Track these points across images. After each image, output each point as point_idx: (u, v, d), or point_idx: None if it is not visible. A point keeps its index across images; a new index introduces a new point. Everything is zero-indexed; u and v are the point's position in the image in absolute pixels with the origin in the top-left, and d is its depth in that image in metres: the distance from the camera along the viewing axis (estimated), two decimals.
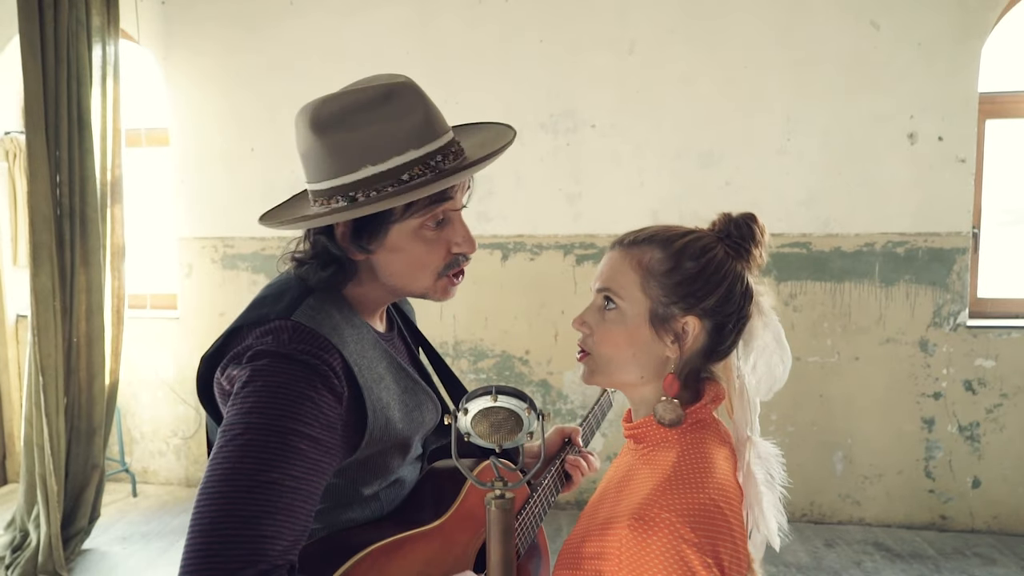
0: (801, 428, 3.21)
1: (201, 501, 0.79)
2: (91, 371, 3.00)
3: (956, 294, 3.08)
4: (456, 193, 0.95)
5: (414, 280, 0.97)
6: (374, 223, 0.92)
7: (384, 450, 0.97)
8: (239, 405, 0.84)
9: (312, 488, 0.83)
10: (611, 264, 0.94)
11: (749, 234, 0.93)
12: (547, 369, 3.38)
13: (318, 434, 0.84)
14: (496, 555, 0.67)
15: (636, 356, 0.91)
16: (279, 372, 0.85)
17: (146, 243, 3.71)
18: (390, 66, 3.34)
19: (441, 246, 0.96)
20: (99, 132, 2.98)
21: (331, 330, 0.91)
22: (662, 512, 0.79)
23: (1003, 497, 3.11)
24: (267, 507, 0.78)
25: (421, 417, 1.04)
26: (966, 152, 3.03)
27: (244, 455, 0.80)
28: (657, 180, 3.20)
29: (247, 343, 0.89)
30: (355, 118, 0.89)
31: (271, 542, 0.77)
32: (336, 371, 0.88)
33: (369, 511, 1.00)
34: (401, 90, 0.92)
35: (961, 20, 2.97)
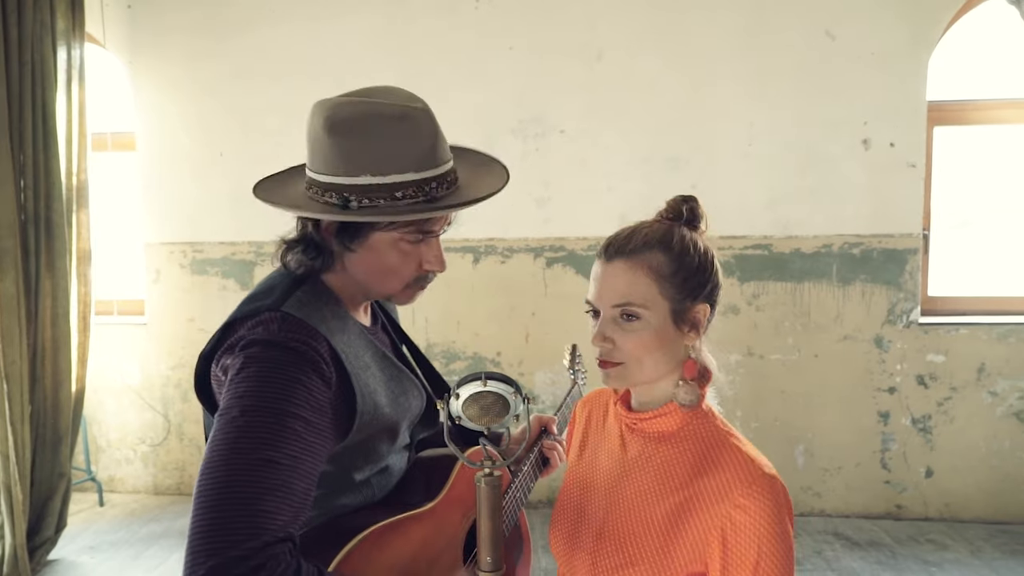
0: (764, 423, 3.32)
1: (202, 482, 0.82)
2: (57, 378, 2.96)
3: (909, 293, 3.22)
4: (439, 220, 1.03)
5: (383, 284, 1.04)
6: (359, 225, 0.99)
7: (373, 435, 1.02)
8: (233, 389, 0.88)
9: (308, 468, 0.87)
10: (622, 277, 0.95)
11: (698, 213, 1.02)
12: (518, 370, 3.43)
13: (310, 416, 0.88)
14: (486, 530, 0.72)
15: (666, 354, 0.97)
16: (270, 358, 0.90)
17: (113, 249, 3.66)
18: (361, 73, 3.36)
19: (414, 260, 1.03)
20: (64, 136, 2.94)
21: (319, 320, 0.97)
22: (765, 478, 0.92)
23: (954, 486, 3.26)
24: (265, 484, 0.82)
25: (407, 403, 1.09)
26: (916, 158, 3.18)
27: (240, 435, 0.84)
28: (624, 184, 3.29)
29: (239, 334, 0.94)
30: (368, 129, 0.96)
31: (271, 517, 0.80)
32: (324, 357, 0.93)
33: (362, 497, 1.04)
34: (418, 115, 1.00)
35: (911, 32, 3.12)
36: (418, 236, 1.01)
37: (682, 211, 1.01)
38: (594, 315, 1.00)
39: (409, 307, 3.85)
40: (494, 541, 0.72)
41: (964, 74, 3.39)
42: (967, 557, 2.94)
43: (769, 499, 0.90)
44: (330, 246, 1.02)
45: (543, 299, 3.38)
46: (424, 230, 1.01)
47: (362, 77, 3.78)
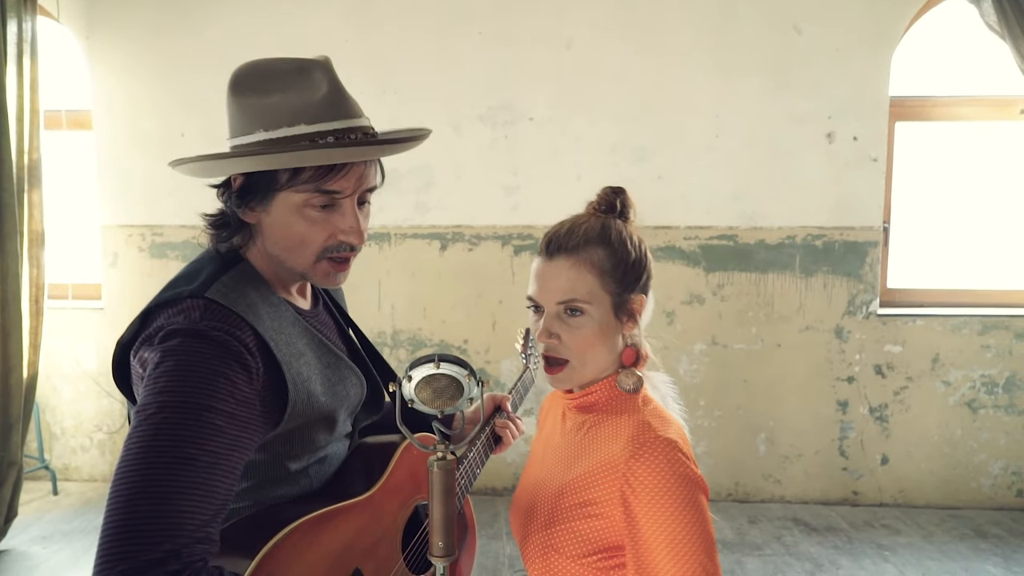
0: (727, 412, 3.37)
1: (117, 481, 0.78)
2: (7, 364, 2.86)
3: (868, 285, 3.29)
4: (346, 179, 0.94)
5: (293, 256, 0.97)
6: (261, 186, 0.94)
7: (308, 423, 0.98)
8: (152, 385, 0.84)
9: (231, 464, 0.84)
10: (565, 275, 0.98)
11: (629, 205, 1.05)
12: (485, 358, 3.42)
13: (234, 409, 0.85)
14: (438, 513, 0.71)
15: (608, 345, 1.01)
16: (191, 350, 0.85)
17: (68, 231, 3.54)
18: (327, 54, 3.30)
19: (324, 229, 0.96)
20: (15, 113, 2.83)
21: (246, 307, 0.92)
22: (654, 438, 0.92)
23: (908, 473, 3.35)
24: (184, 483, 0.78)
25: (345, 391, 1.05)
26: (878, 152, 3.24)
27: (158, 432, 0.80)
28: (592, 173, 3.29)
29: (159, 323, 0.89)
30: (264, 84, 0.93)
31: (188, 517, 0.77)
32: (249, 347, 0.89)
33: (299, 488, 1.01)
34: (312, 66, 0.95)
35: (874, 29, 3.17)
36: (324, 199, 0.94)
37: (615, 204, 1.04)
38: (535, 310, 1.02)
39: (374, 293, 3.80)
40: (446, 526, 0.71)
41: (926, 71, 3.46)
42: (919, 541, 3.03)
43: (663, 464, 0.90)
44: (241, 215, 0.97)
45: (510, 287, 3.37)
46: (325, 189, 0.93)
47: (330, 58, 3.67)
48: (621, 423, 0.99)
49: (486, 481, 3.46)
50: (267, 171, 0.93)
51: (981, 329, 3.26)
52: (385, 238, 3.38)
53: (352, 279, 1.05)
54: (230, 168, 0.94)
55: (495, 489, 3.47)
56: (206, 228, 1.00)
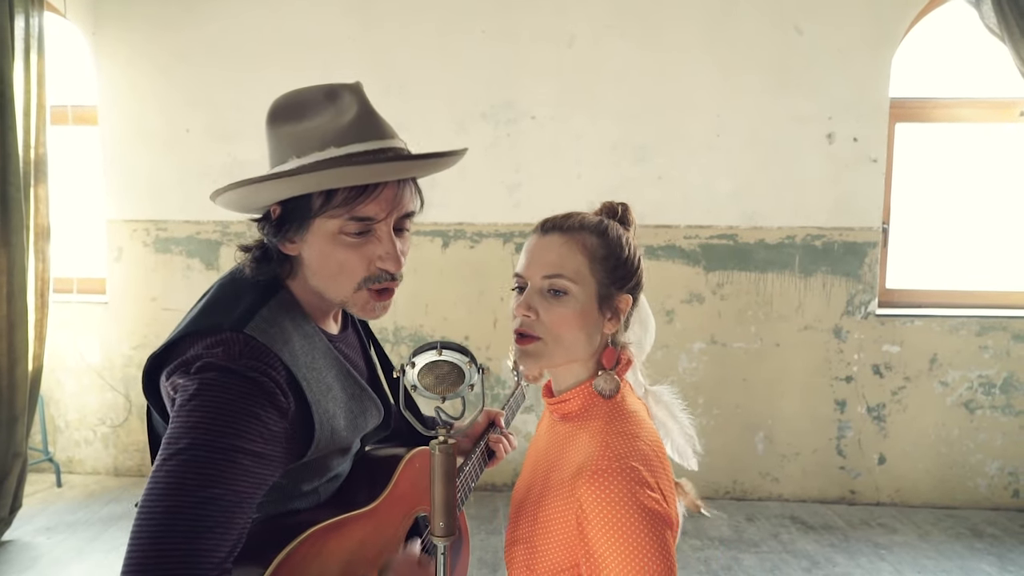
0: (726, 410, 3.39)
1: (143, 513, 0.80)
2: (12, 356, 2.89)
3: (867, 285, 3.31)
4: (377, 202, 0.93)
5: (332, 286, 0.97)
6: (298, 214, 0.94)
7: (326, 456, 1.01)
8: (184, 418, 0.84)
9: (253, 501, 0.86)
10: (556, 250, 0.97)
11: (630, 218, 1.06)
12: (486, 355, 3.45)
13: (261, 448, 0.86)
14: (439, 496, 0.73)
15: (587, 335, 0.98)
16: (226, 387, 0.86)
17: (73, 225, 3.57)
18: (331, 52, 3.33)
19: (362, 256, 0.95)
20: (22, 108, 2.86)
21: (282, 344, 0.92)
22: (612, 462, 0.87)
23: (905, 472, 3.37)
24: (208, 522, 0.80)
25: (365, 423, 1.07)
26: (878, 153, 3.25)
27: (187, 471, 0.81)
28: (594, 172, 3.31)
29: (196, 351, 0.89)
30: (296, 112, 0.94)
31: (209, 555, 0.79)
32: (282, 387, 0.90)
33: (308, 502, 1.03)
34: (341, 91, 0.95)
35: (875, 30, 3.19)
36: (358, 226, 0.93)
37: (616, 210, 1.06)
38: (519, 292, 1.01)
39: None
40: (447, 507, 0.73)
41: (926, 72, 3.47)
42: (915, 540, 3.05)
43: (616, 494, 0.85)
44: (280, 246, 0.97)
45: (512, 284, 3.39)
46: (358, 216, 0.93)
47: (330, 55, 3.73)
48: (589, 437, 0.95)
49: (486, 478, 3.49)
50: (302, 199, 0.93)
51: (979, 330, 3.28)
52: None
53: None
54: (261, 196, 0.94)
55: (495, 485, 3.50)
56: (248, 262, 0.99)
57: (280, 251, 0.98)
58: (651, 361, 1.13)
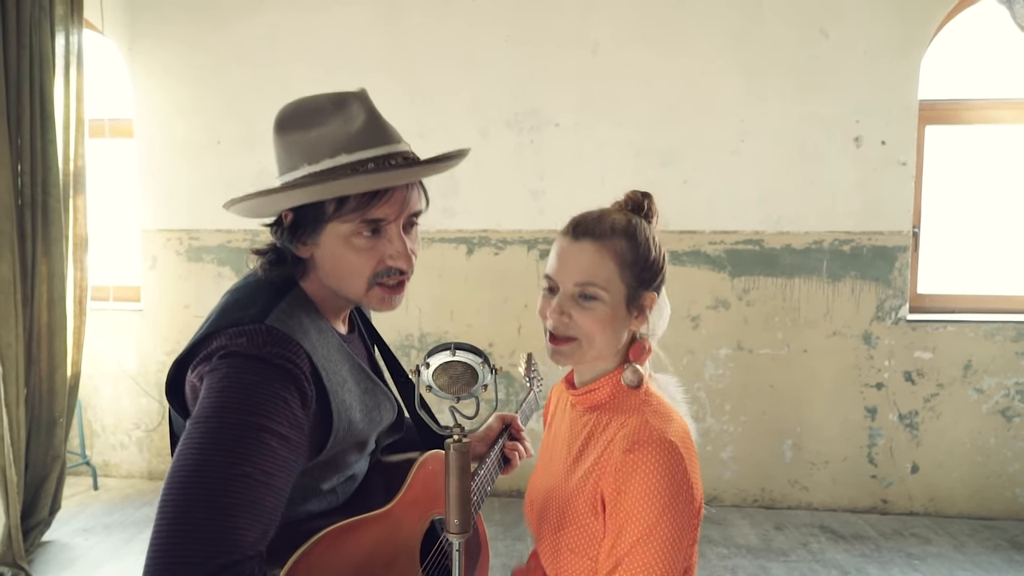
0: (753, 417, 3.36)
1: (171, 489, 0.79)
2: (52, 362, 2.98)
3: (897, 290, 3.25)
4: (389, 204, 0.97)
5: (346, 284, 1.00)
6: (310, 219, 0.97)
7: (345, 449, 1.02)
8: (212, 399, 0.85)
9: (281, 484, 0.85)
10: (588, 258, 1.00)
11: (654, 209, 1.08)
12: (510, 361, 3.46)
13: (287, 432, 0.86)
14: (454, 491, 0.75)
15: (616, 335, 1.03)
16: (253, 371, 0.87)
17: (109, 235, 3.68)
18: (357, 60, 3.39)
19: (373, 256, 0.98)
20: (62, 122, 2.96)
21: (302, 335, 0.95)
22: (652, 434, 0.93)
23: (939, 481, 3.30)
24: (238, 499, 0.79)
25: (379, 416, 1.08)
26: (907, 156, 3.20)
27: (217, 448, 0.81)
28: (618, 178, 3.31)
29: (220, 343, 0.91)
30: (305, 121, 0.96)
31: (242, 534, 0.78)
32: (306, 375, 0.92)
33: (326, 503, 1.04)
34: (349, 99, 0.97)
35: (903, 31, 3.15)
36: (369, 227, 0.97)
37: (642, 204, 1.07)
38: (550, 292, 1.04)
39: None
40: (462, 503, 0.75)
41: (957, 73, 3.41)
42: (950, 551, 2.98)
43: (657, 463, 0.91)
44: (295, 250, 1.00)
45: (536, 291, 3.38)
46: (370, 218, 0.96)
47: (357, 65, 3.79)
48: (623, 421, 0.99)
49: (511, 483, 3.50)
50: (314, 205, 0.96)
51: (1015, 335, 3.20)
52: None
53: None
54: (277, 204, 0.97)
55: (519, 492, 3.50)
56: (262, 265, 1.02)
57: (293, 253, 1.01)
58: (677, 368, 1.14)
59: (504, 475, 1.37)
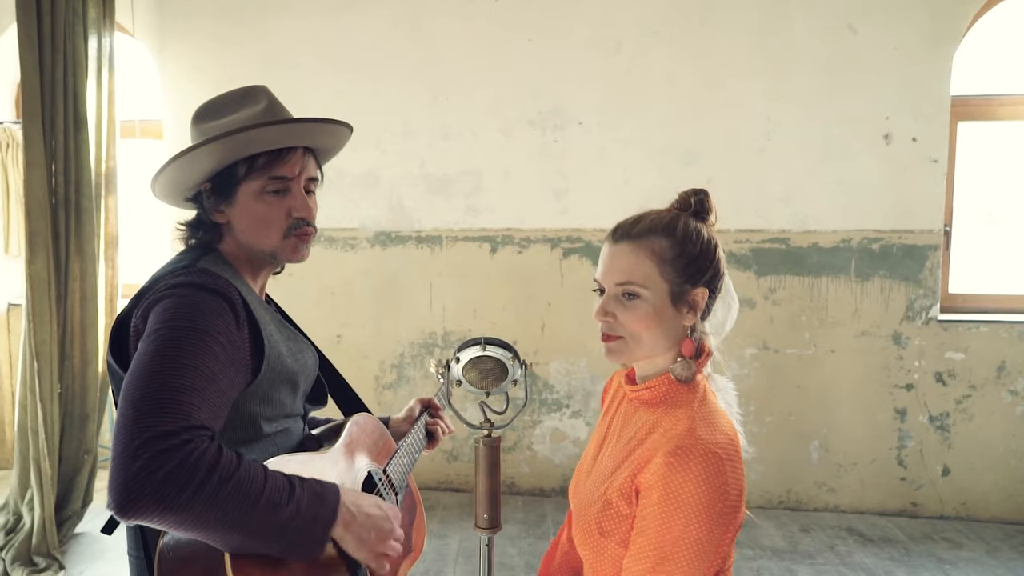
0: (779, 418, 3.32)
1: (131, 378, 0.89)
2: (85, 358, 3.04)
3: (928, 289, 3.19)
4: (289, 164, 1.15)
5: (262, 238, 1.16)
6: (226, 183, 1.14)
7: (277, 382, 1.12)
8: (160, 316, 0.98)
9: (223, 385, 0.96)
10: (625, 258, 1.03)
11: (708, 206, 1.08)
12: (534, 359, 3.46)
13: (226, 344, 0.99)
14: (483, 486, 0.75)
15: (663, 332, 1.04)
16: (194, 294, 1.01)
17: (139, 233, 3.74)
18: (381, 62, 3.42)
19: (281, 209, 1.15)
20: (94, 123, 3.02)
21: (229, 276, 1.11)
22: (697, 443, 0.94)
23: (971, 485, 3.23)
24: (189, 384, 0.90)
25: (304, 360, 1.21)
26: (939, 153, 3.14)
27: (166, 344, 0.93)
28: (642, 177, 3.29)
29: (161, 284, 1.05)
30: (217, 111, 1.17)
31: (195, 408, 0.88)
32: (238, 301, 1.06)
33: (267, 453, 1.12)
34: (253, 90, 1.19)
35: (934, 26, 3.08)
36: (276, 184, 1.14)
37: (691, 202, 1.08)
38: (600, 294, 1.08)
39: (425, 295, 3.87)
40: (491, 499, 0.75)
41: (991, 68, 3.34)
42: (983, 556, 2.91)
43: (687, 470, 0.92)
44: (211, 215, 1.16)
45: (559, 290, 3.40)
46: (276, 175, 1.13)
47: (381, 66, 3.81)
48: (673, 423, 1.00)
49: (535, 482, 3.50)
50: (228, 170, 1.13)
51: None
52: (437, 241, 3.46)
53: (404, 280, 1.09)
54: (196, 164, 1.11)
55: (543, 490, 3.50)
56: (183, 233, 1.19)
57: (211, 220, 1.17)
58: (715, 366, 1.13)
59: (429, 449, 1.44)
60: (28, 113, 2.78)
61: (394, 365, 3.54)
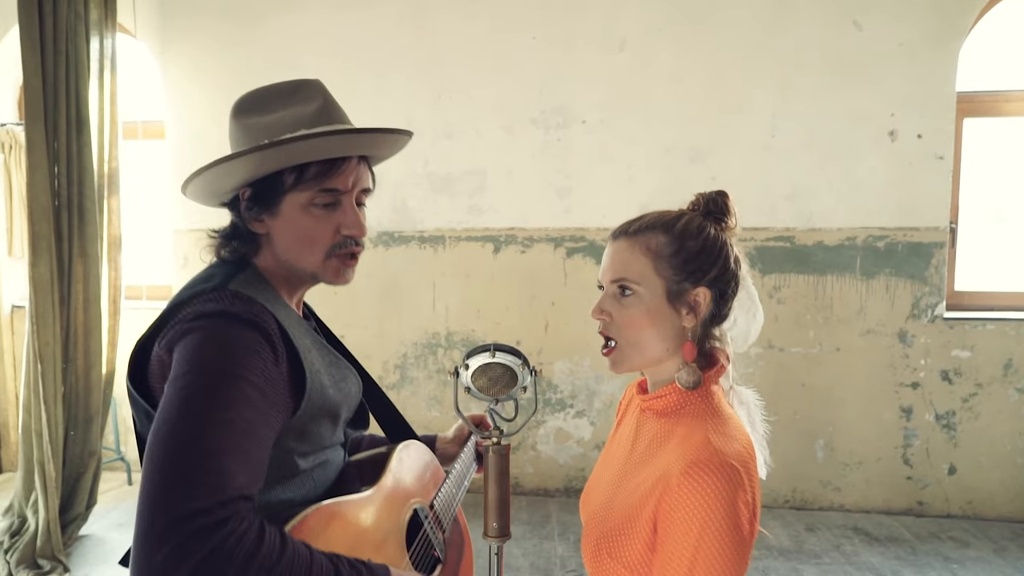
0: (784, 417, 3.30)
1: (157, 438, 0.78)
2: (88, 360, 3.04)
3: (934, 287, 3.17)
4: (343, 176, 1.02)
5: (304, 255, 1.02)
6: (270, 191, 1.01)
7: (317, 416, 1.01)
8: (188, 356, 0.86)
9: (262, 435, 0.85)
10: (620, 255, 1.01)
11: (725, 208, 1.03)
12: (538, 359, 3.45)
13: (263, 385, 0.87)
14: (493, 495, 0.74)
15: (659, 332, 0.99)
16: (226, 328, 0.89)
17: (142, 235, 3.74)
18: (384, 60, 3.41)
19: (330, 225, 1.02)
20: (97, 125, 3.02)
21: (264, 300, 0.98)
22: (713, 457, 0.88)
23: (978, 483, 3.21)
24: (224, 444, 0.79)
25: (348, 388, 1.09)
26: (944, 149, 3.12)
27: (198, 396, 0.82)
28: (646, 175, 3.28)
29: (189, 310, 0.92)
30: (264, 105, 1.02)
31: (231, 477, 0.78)
32: (275, 332, 0.93)
33: (304, 491, 1.02)
34: (305, 85, 1.05)
35: (939, 22, 3.06)
36: (327, 197, 1.01)
37: (699, 202, 1.05)
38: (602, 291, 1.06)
39: (428, 295, 3.86)
40: (501, 507, 0.74)
41: (997, 64, 3.32)
42: (990, 555, 2.90)
43: (706, 486, 0.86)
44: (249, 225, 1.03)
45: (563, 289, 3.39)
46: (327, 188, 1.01)
47: (384, 64, 3.80)
48: (685, 435, 0.96)
49: (539, 482, 3.49)
50: (273, 178, 0.99)
51: None
52: (440, 241, 3.45)
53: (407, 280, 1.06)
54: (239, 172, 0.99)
55: (547, 490, 3.49)
56: (215, 242, 1.06)
57: (249, 229, 1.04)
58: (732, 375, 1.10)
59: (480, 472, 1.35)
60: (31, 115, 2.77)
61: (397, 365, 3.54)
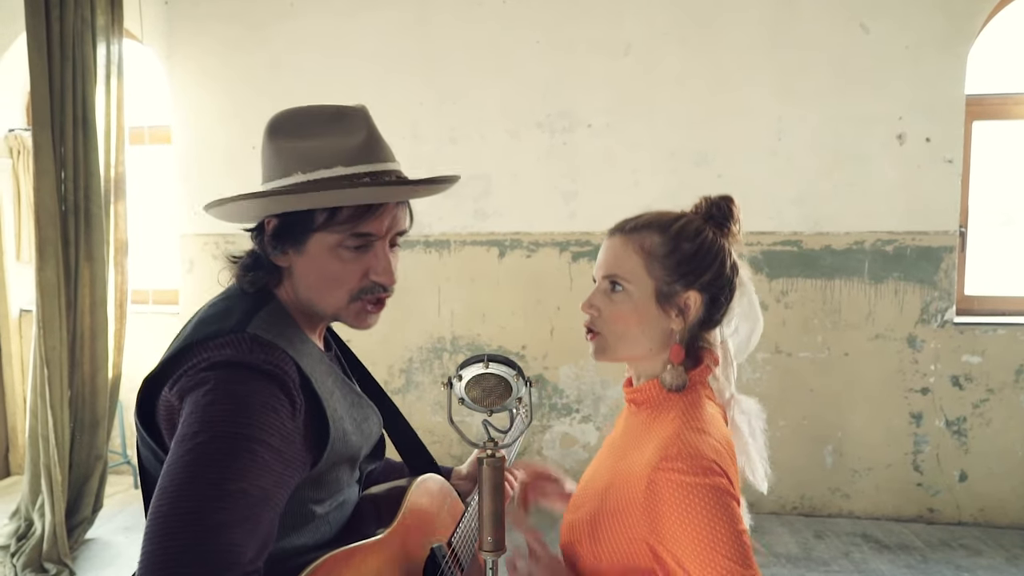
0: (792, 423, 3.28)
1: (163, 507, 0.75)
2: (95, 364, 3.05)
3: (944, 291, 3.14)
4: (379, 220, 0.95)
5: (327, 296, 0.97)
6: (297, 227, 0.94)
7: (337, 463, 0.97)
8: (200, 413, 0.81)
9: (276, 500, 0.82)
10: (614, 251, 1.01)
11: (728, 213, 1.03)
12: (543, 364, 3.43)
13: (280, 445, 0.83)
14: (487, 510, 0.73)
15: (645, 331, 0.99)
16: (243, 381, 0.84)
17: (149, 239, 3.76)
18: (389, 64, 3.41)
19: (358, 269, 0.96)
20: (103, 130, 3.03)
21: (287, 343, 0.92)
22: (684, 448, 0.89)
23: (989, 490, 3.17)
24: (234, 516, 0.76)
25: (369, 429, 1.05)
26: (953, 153, 3.09)
27: (209, 462, 0.78)
28: (651, 179, 3.26)
29: (203, 356, 0.87)
30: (302, 129, 0.95)
31: (239, 551, 0.74)
32: (295, 382, 0.88)
33: (318, 535, 0.98)
34: (349, 113, 0.97)
35: (948, 25, 3.04)
36: (358, 241, 0.95)
37: (701, 206, 1.05)
38: None
39: (434, 300, 3.87)
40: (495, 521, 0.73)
41: (1007, 67, 3.29)
42: (1002, 564, 2.86)
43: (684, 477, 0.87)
44: (272, 258, 0.98)
45: (568, 293, 3.38)
46: (361, 232, 0.94)
47: (389, 68, 3.81)
48: (661, 427, 0.96)
49: None
50: (302, 213, 0.94)
51: None
52: (444, 245, 3.45)
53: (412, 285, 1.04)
54: (266, 208, 0.95)
55: None
56: (235, 271, 1.00)
57: (271, 261, 0.99)
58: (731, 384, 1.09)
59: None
60: (38, 120, 2.79)
61: (403, 370, 3.53)
